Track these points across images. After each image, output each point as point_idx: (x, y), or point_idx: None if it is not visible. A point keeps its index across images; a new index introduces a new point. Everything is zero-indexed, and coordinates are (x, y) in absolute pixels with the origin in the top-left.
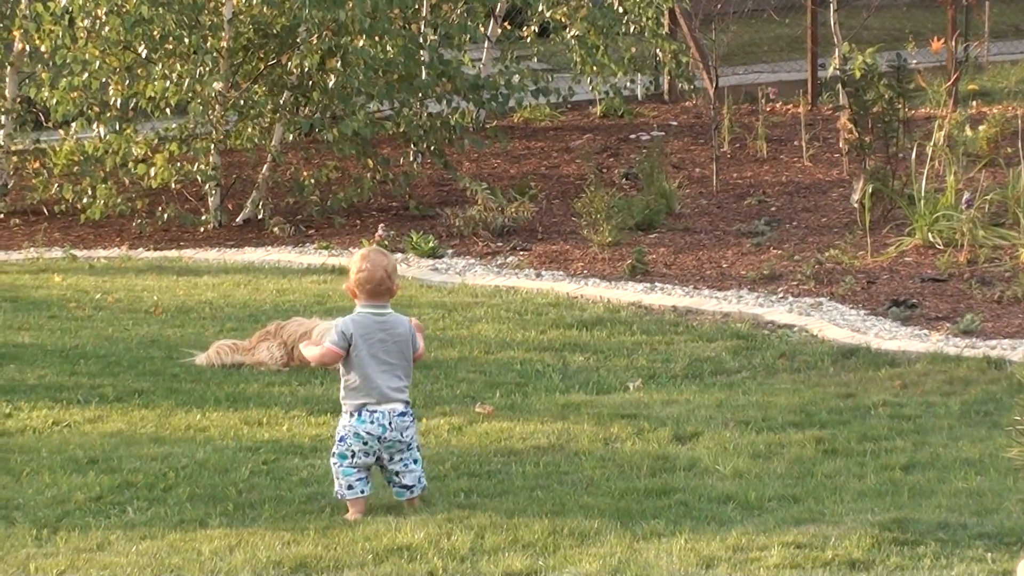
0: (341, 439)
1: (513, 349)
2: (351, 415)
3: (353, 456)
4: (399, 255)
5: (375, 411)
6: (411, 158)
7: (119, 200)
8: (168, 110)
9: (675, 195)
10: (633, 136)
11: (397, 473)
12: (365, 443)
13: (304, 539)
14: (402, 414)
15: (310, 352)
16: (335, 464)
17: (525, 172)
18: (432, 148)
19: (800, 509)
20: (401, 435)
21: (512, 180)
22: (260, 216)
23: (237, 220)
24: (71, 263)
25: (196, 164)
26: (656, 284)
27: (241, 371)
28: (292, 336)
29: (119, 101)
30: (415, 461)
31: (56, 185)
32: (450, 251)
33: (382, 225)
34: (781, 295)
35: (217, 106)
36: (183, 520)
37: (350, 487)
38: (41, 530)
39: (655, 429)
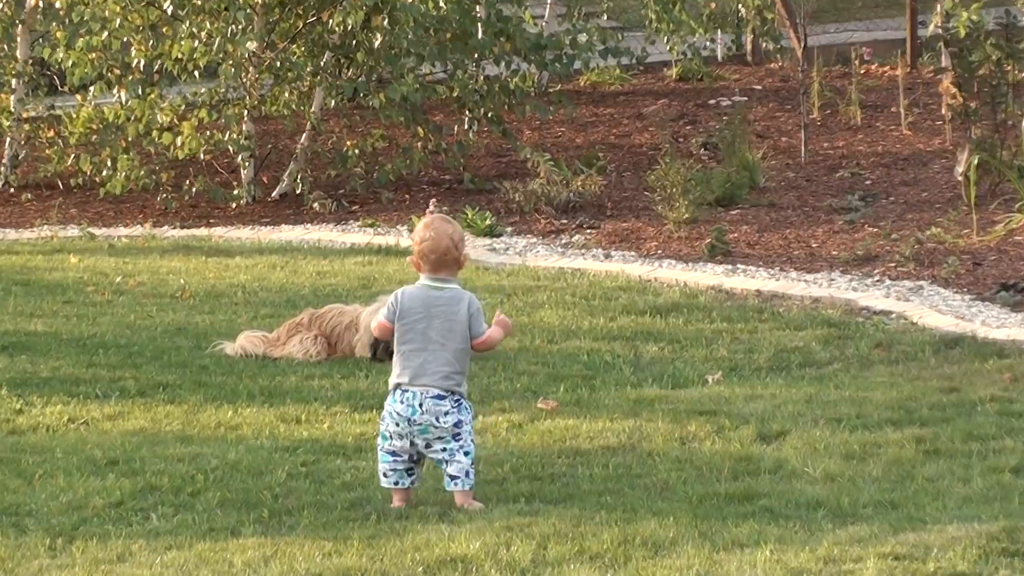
0: (383, 418)
1: (579, 338)
2: (390, 393)
3: (390, 438)
4: None
5: (407, 391)
6: (466, 126)
7: (142, 173)
8: (196, 73)
9: (759, 167)
10: (712, 101)
11: (442, 462)
12: (397, 424)
13: (347, 549)
14: (439, 397)
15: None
16: (378, 444)
17: (592, 141)
18: (489, 115)
19: (898, 516)
20: (436, 420)
21: (578, 150)
22: (298, 190)
23: (273, 195)
24: (89, 242)
25: (227, 133)
26: (738, 266)
27: (277, 363)
28: (331, 326)
29: (142, 63)
30: (464, 453)
31: (72, 156)
32: (509, 229)
33: (433, 200)
34: (877, 278)
35: (251, 68)
36: (213, 528)
37: (384, 475)
38: (55, 539)
39: (737, 427)
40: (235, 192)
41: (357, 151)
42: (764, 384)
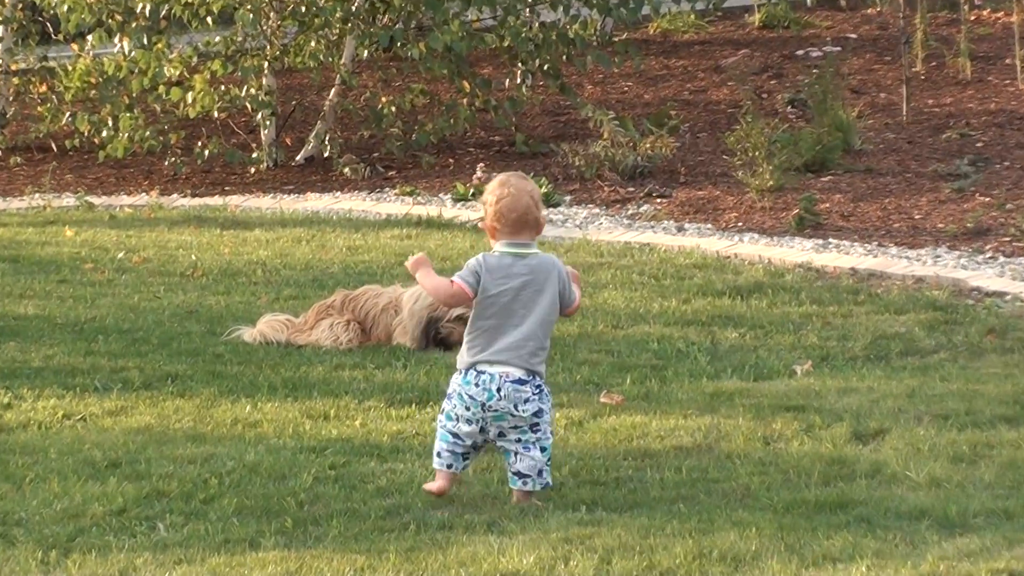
0: (448, 397)
1: (648, 323)
2: (460, 373)
3: (457, 419)
4: None
5: (483, 372)
6: (518, 80)
7: (147, 133)
8: (209, 19)
9: (854, 127)
10: (801, 52)
11: (511, 454)
12: (468, 408)
13: (382, 564)
14: (520, 381)
15: (429, 282)
16: (439, 421)
17: (663, 98)
18: (545, 67)
19: (1014, 527)
20: (515, 408)
21: (647, 108)
22: (326, 154)
23: (297, 159)
24: (86, 213)
25: (245, 88)
26: (830, 240)
27: (302, 351)
28: (365, 311)
29: (147, 8)
30: (540, 448)
31: (68, 114)
32: (568, 198)
33: (481, 165)
34: (989, 255)
35: (272, 14)
36: (228, 540)
37: (439, 454)
38: (49, 551)
39: (829, 425)
40: (254, 155)
41: (393, 109)
42: (860, 376)
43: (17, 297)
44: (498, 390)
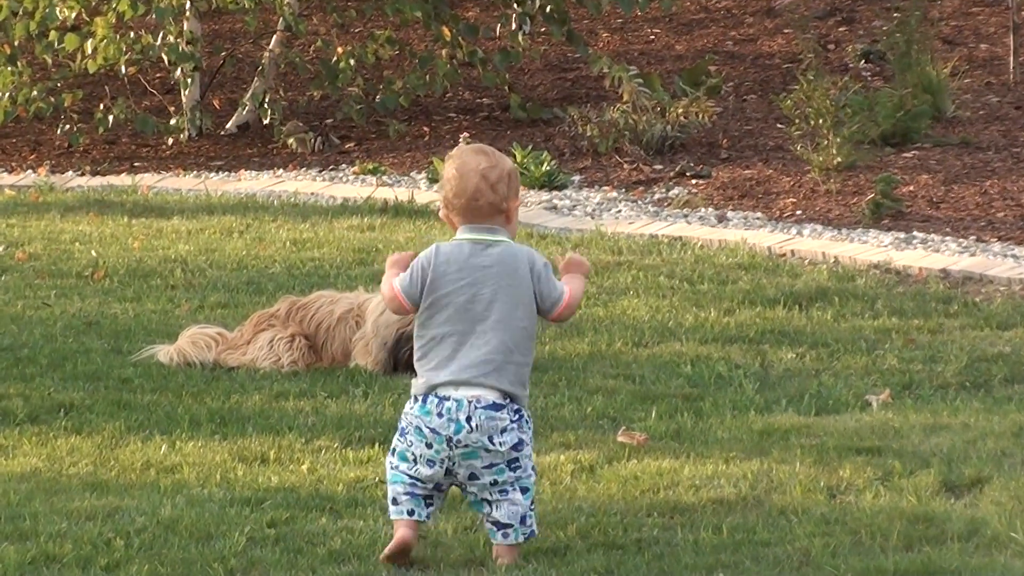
0: (401, 433)
1: (679, 340)
2: (415, 401)
3: (415, 462)
4: None
5: (447, 398)
6: (513, 26)
7: (34, 93)
8: None
9: (946, 88)
10: None
11: (487, 502)
12: (429, 445)
13: None
14: (494, 407)
15: (385, 285)
16: (389, 463)
17: (700, 50)
18: (548, 9)
19: None
20: (490, 441)
21: (679, 62)
22: (265, 120)
23: (228, 127)
24: None
25: (161, 35)
26: (914, 234)
27: (234, 374)
28: (317, 322)
29: None
30: (521, 489)
31: None
32: (577, 178)
33: (465, 135)
34: None
35: None
36: None
37: (395, 501)
38: None
39: (912, 472)
40: (172, 122)
41: (352, 62)
42: (952, 409)
43: None
44: (468, 419)
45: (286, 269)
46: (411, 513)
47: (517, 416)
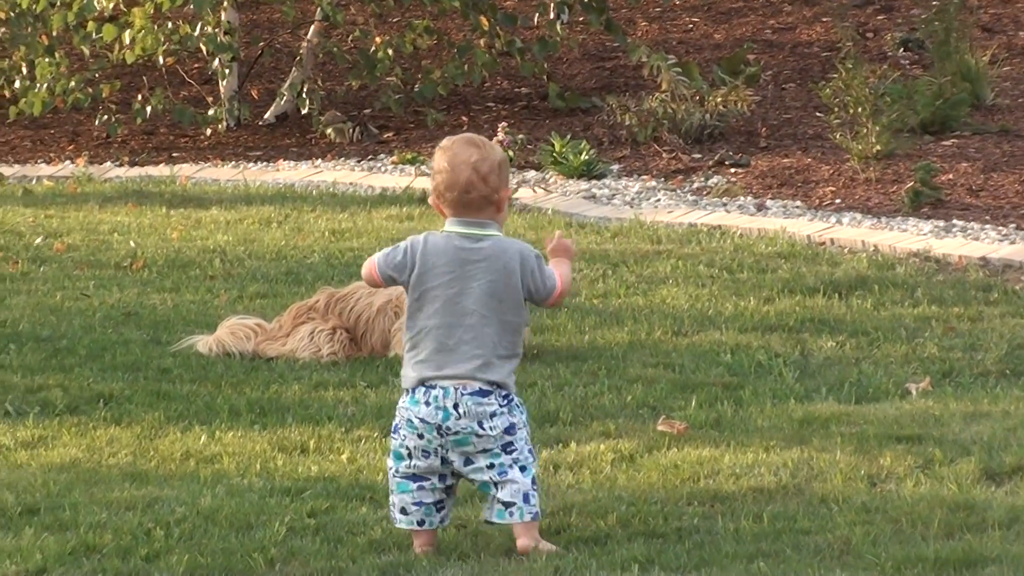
0: (394, 430)
1: (719, 328)
2: (405, 394)
3: (410, 455)
4: (532, 173)
5: (433, 387)
6: (552, 15)
7: (72, 84)
8: None
9: (985, 76)
10: None
11: (489, 484)
12: (420, 435)
13: None
14: (480, 393)
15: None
16: (390, 469)
17: (739, 38)
18: None
19: None
20: (479, 427)
21: (718, 51)
22: (304, 110)
23: (266, 117)
24: None
25: (199, 25)
26: (954, 222)
27: (273, 365)
28: (356, 314)
29: None
30: (520, 468)
31: None
32: (615, 167)
33: (503, 125)
34: None
35: None
36: None
37: (403, 511)
38: None
39: (952, 460)
40: (210, 113)
41: (390, 52)
42: (993, 397)
43: None
44: (455, 406)
45: (325, 259)
46: (421, 523)
47: (506, 401)
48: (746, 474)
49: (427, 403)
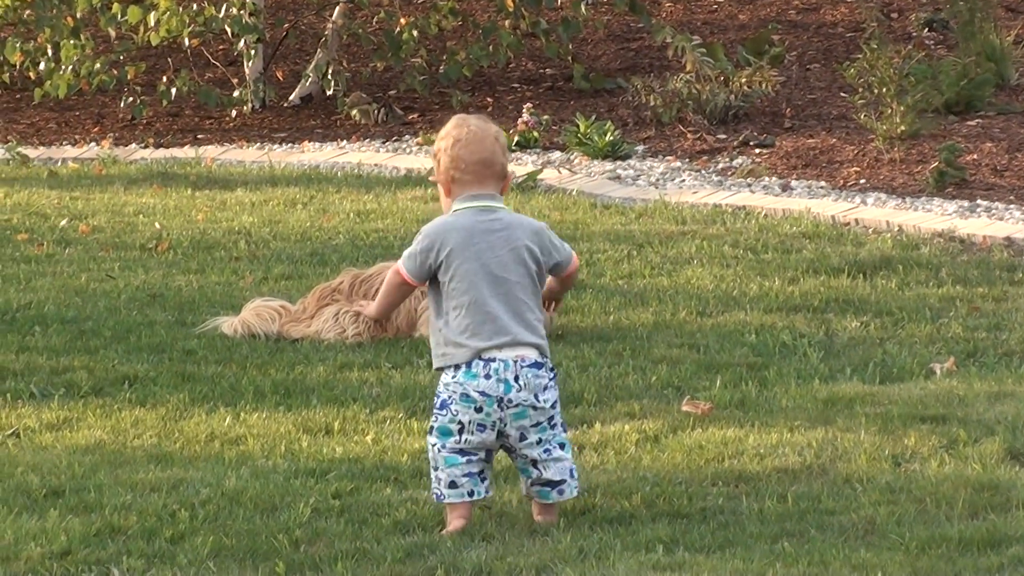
0: (442, 406)
1: (744, 309)
2: (456, 369)
3: (462, 431)
4: (557, 154)
5: (492, 360)
6: None
7: (97, 66)
8: None
9: (1010, 56)
10: None
11: (537, 462)
12: (479, 408)
13: None
14: (536, 365)
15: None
16: (433, 447)
17: (763, 19)
18: None
19: None
20: (536, 399)
21: (742, 32)
22: (329, 92)
23: (291, 98)
24: (19, 169)
25: (224, 6)
26: (979, 202)
27: (298, 346)
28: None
29: None
30: (561, 446)
31: None
32: (640, 148)
33: (528, 106)
34: None
35: None
36: None
37: (453, 484)
38: None
39: (977, 440)
40: (235, 94)
41: (415, 33)
42: (1017, 376)
43: None
44: (516, 379)
45: (350, 240)
46: (471, 494)
47: (552, 374)
48: (770, 454)
49: (487, 376)
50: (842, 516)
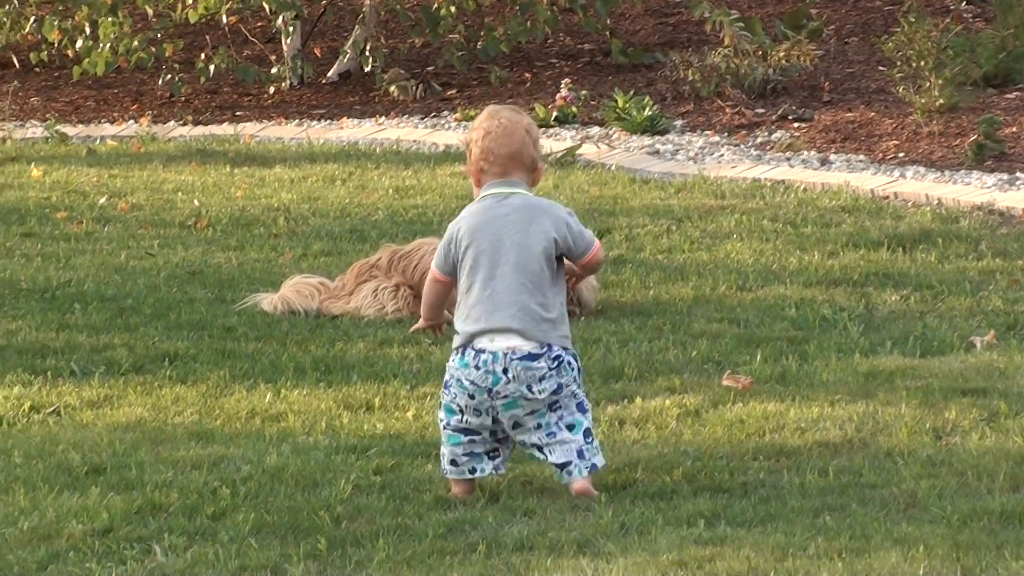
0: (446, 386)
1: (783, 283)
2: (455, 354)
3: (462, 412)
4: (595, 129)
5: (483, 351)
6: None
7: (136, 44)
8: None
9: None
10: None
11: (541, 447)
12: (471, 396)
13: None
14: (530, 357)
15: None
16: (441, 422)
17: None
18: None
19: None
20: (528, 391)
21: (780, 5)
22: (367, 68)
23: (329, 75)
24: (58, 147)
25: None
26: (1017, 175)
27: (338, 323)
28: (420, 271)
29: None
30: (567, 427)
31: (32, 20)
32: (679, 123)
33: (566, 81)
34: None
35: None
36: (244, 567)
37: (453, 462)
38: None
39: (1018, 413)
40: (273, 71)
41: (453, 9)
42: None
43: None
44: (504, 371)
45: (389, 217)
46: (472, 472)
47: (556, 363)
48: (811, 428)
49: (476, 367)
50: (883, 490)
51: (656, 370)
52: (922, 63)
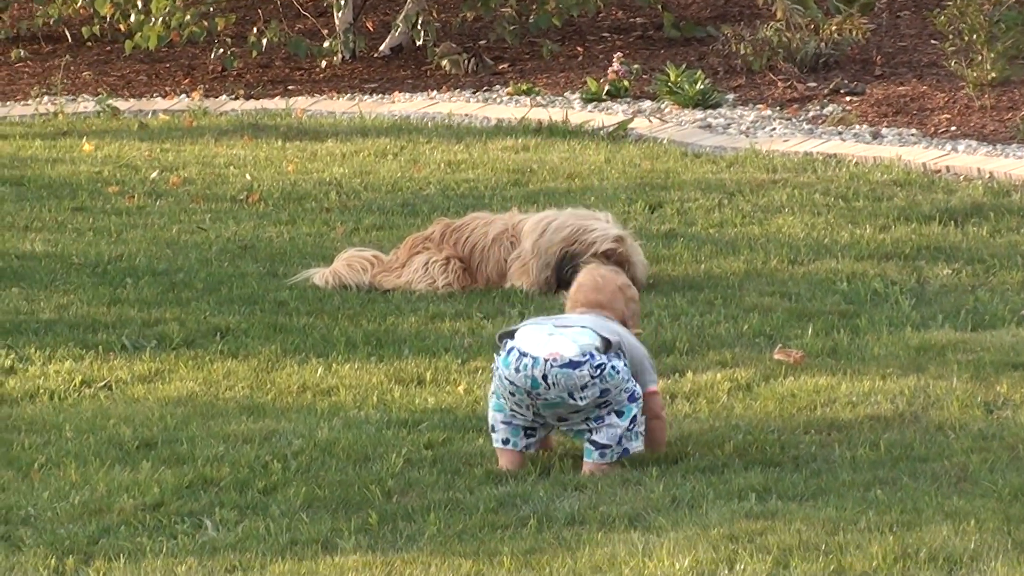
0: (493, 368)
1: (835, 257)
2: (500, 350)
3: (507, 400)
4: (647, 103)
5: (524, 355)
6: None
7: (188, 18)
8: None
9: None
10: None
11: (581, 433)
12: (512, 393)
13: (493, 570)
14: (571, 365)
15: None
16: (491, 392)
17: None
18: None
19: None
20: (571, 397)
21: None
22: (419, 42)
23: (381, 49)
24: (109, 121)
25: None
26: None
27: (389, 297)
28: (471, 244)
29: None
30: (616, 413)
31: None
32: (731, 96)
33: (619, 55)
34: None
35: None
36: (295, 541)
37: (493, 428)
38: (64, 558)
39: None
40: (325, 45)
41: None
42: None
43: (22, 230)
44: (544, 377)
45: (441, 191)
46: (506, 443)
47: (598, 371)
48: (862, 402)
49: (516, 370)
50: (934, 463)
51: (708, 344)
52: (974, 36)
